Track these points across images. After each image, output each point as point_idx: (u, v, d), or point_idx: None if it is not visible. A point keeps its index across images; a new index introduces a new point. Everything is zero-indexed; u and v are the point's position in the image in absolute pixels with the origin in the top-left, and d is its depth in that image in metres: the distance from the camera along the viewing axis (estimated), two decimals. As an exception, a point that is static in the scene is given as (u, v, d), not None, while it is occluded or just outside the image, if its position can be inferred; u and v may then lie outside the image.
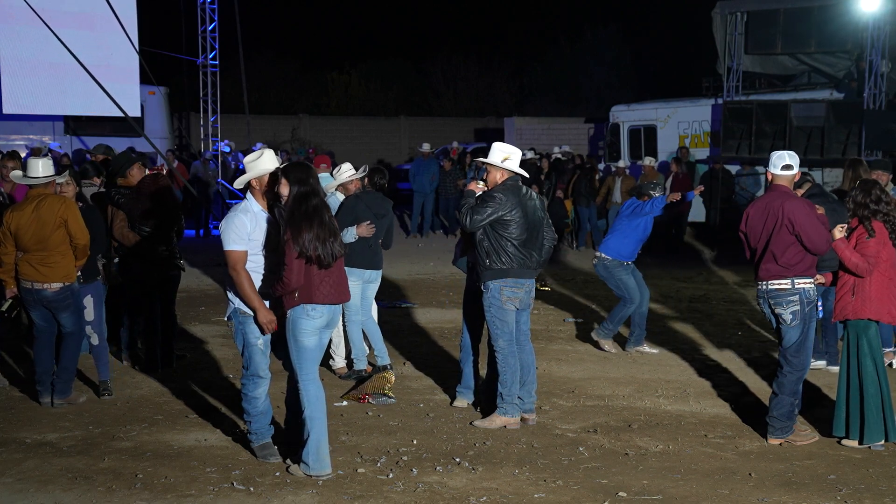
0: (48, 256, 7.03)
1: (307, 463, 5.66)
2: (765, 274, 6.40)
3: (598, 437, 6.59)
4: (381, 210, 8.08)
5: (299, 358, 5.68)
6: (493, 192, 6.68)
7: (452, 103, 37.47)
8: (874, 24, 17.11)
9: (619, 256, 9.06)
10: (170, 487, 5.59)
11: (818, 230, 6.26)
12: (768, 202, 6.39)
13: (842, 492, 5.58)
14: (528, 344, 6.95)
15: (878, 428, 6.28)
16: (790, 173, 6.42)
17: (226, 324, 6.08)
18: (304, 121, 31.96)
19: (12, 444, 6.38)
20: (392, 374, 7.65)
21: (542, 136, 26.61)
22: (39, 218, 6.98)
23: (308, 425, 5.65)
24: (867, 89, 17.17)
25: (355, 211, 7.93)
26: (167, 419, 6.94)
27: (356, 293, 7.97)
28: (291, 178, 5.60)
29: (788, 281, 6.33)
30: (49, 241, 7.00)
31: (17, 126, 21.30)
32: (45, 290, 7.07)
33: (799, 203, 6.34)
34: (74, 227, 7.06)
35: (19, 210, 7.09)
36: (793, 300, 6.33)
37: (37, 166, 7.10)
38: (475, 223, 6.61)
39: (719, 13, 19.38)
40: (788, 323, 6.36)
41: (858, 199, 6.42)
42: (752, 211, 6.52)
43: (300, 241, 5.51)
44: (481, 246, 6.71)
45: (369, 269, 8.06)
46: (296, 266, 5.53)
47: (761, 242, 6.41)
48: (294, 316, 5.63)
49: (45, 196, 7.06)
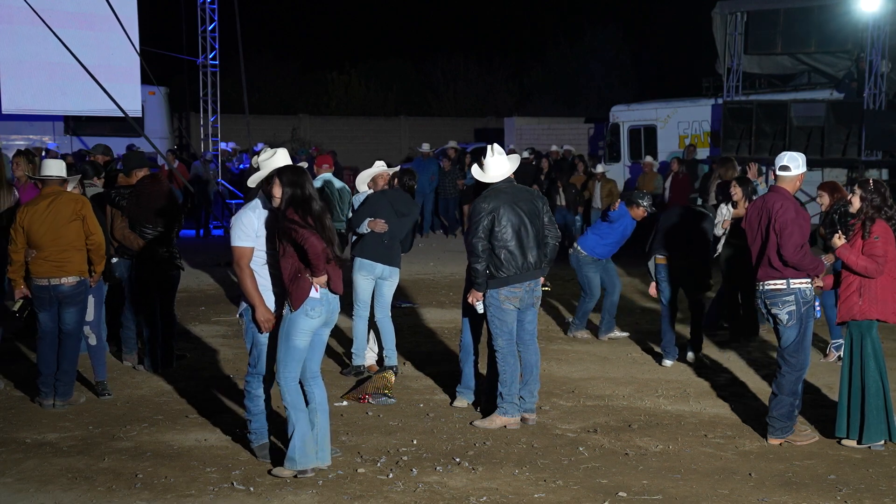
0: (63, 252, 7.03)
1: (293, 458, 5.65)
2: (762, 275, 6.42)
3: (598, 437, 6.60)
4: (405, 209, 8.12)
5: (286, 356, 5.66)
6: (476, 203, 6.72)
7: (452, 103, 37.47)
8: (874, 24, 17.10)
9: (593, 253, 9.71)
10: (170, 487, 5.59)
11: (793, 237, 6.22)
12: (764, 202, 6.43)
13: (842, 492, 5.59)
14: (533, 344, 6.94)
15: (878, 428, 6.28)
16: (787, 174, 6.42)
17: (225, 323, 6.07)
18: (304, 121, 31.96)
19: (12, 444, 6.38)
20: (392, 375, 7.66)
21: (542, 137, 26.60)
22: (55, 213, 6.99)
23: (292, 420, 5.65)
24: (867, 89, 17.16)
25: (377, 206, 7.99)
26: (167, 419, 6.94)
27: (366, 289, 8.02)
28: (284, 181, 5.60)
29: (784, 281, 6.33)
30: (64, 236, 7.00)
31: (16, 126, 21.31)
32: (62, 284, 7.07)
33: (790, 205, 6.33)
34: (92, 224, 7.11)
35: (32, 206, 7.07)
36: (788, 300, 6.34)
37: (51, 165, 7.19)
38: (475, 244, 6.63)
39: (719, 13, 19.38)
40: (785, 323, 6.37)
41: (878, 202, 6.35)
42: (750, 209, 6.58)
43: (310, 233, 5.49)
44: None
45: (380, 263, 8.03)
46: (310, 232, 5.45)
47: (756, 242, 6.44)
48: (293, 315, 5.62)
49: (60, 193, 7.10)
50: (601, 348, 9.43)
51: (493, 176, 6.76)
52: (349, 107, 36.65)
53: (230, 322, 10.00)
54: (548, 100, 36.61)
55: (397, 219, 7.99)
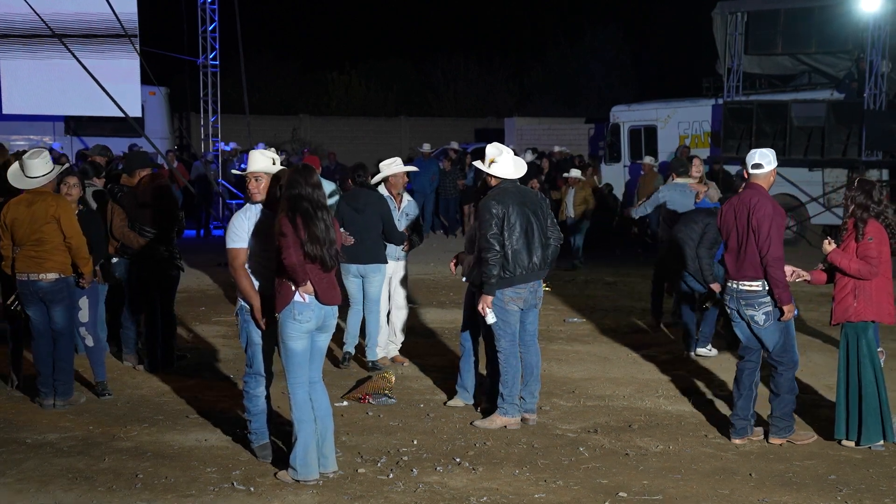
0: (42, 249, 7.07)
1: (294, 468, 5.63)
2: (737, 273, 6.36)
3: (599, 438, 6.60)
4: (360, 205, 8.27)
5: (287, 361, 5.66)
6: (486, 202, 6.68)
7: (453, 103, 37.47)
8: (874, 24, 17.12)
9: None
10: (170, 487, 5.60)
11: (773, 237, 6.18)
12: (740, 199, 6.40)
13: (842, 492, 5.59)
14: (534, 344, 6.94)
15: (876, 429, 6.28)
16: (760, 171, 6.38)
17: (225, 323, 6.08)
18: (304, 121, 31.96)
19: (13, 444, 6.39)
20: (392, 375, 7.67)
21: (543, 137, 26.62)
22: (33, 214, 7.05)
23: (296, 428, 5.63)
24: (867, 89, 17.18)
25: (338, 212, 8.23)
26: (167, 419, 6.95)
27: (353, 288, 8.45)
28: (285, 181, 5.59)
29: (760, 283, 6.29)
30: (43, 234, 7.05)
31: (17, 126, 21.32)
32: (40, 280, 7.11)
33: (766, 201, 6.29)
34: (67, 227, 7.09)
35: (16, 204, 7.17)
36: (765, 301, 6.29)
37: (31, 167, 7.13)
38: (492, 240, 6.58)
39: (720, 13, 19.39)
40: (762, 324, 6.32)
41: (860, 200, 6.35)
42: (725, 207, 6.55)
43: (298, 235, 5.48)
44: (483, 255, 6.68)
45: (353, 263, 8.28)
46: (292, 242, 5.44)
47: (731, 239, 6.40)
48: (282, 318, 5.62)
49: (39, 193, 7.12)
50: (601, 349, 9.43)
51: (510, 173, 6.74)
52: (349, 107, 36.64)
53: (230, 322, 10.00)
54: (548, 100, 36.60)
55: (358, 215, 8.15)
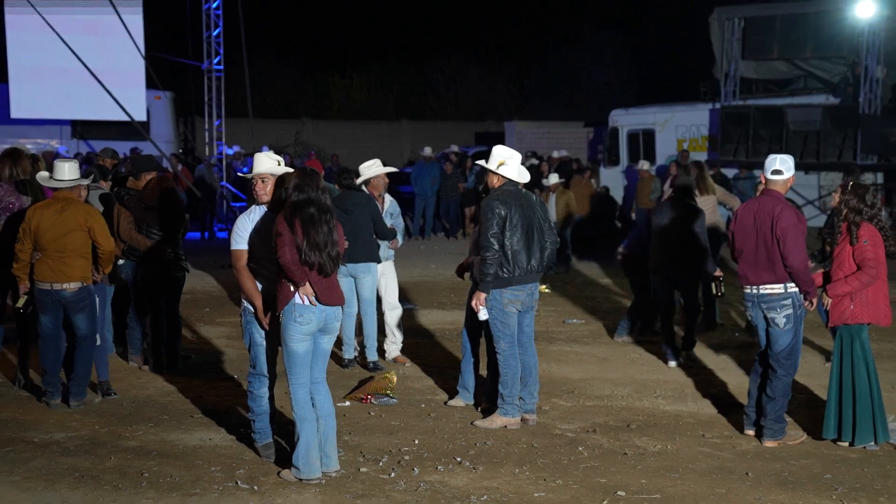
0: (66, 257, 7.05)
1: (297, 467, 5.68)
2: (757, 279, 6.40)
3: (598, 437, 6.66)
4: (349, 206, 8.36)
5: (289, 361, 5.71)
6: (489, 201, 6.77)
7: (453, 106, 37.49)
8: (869, 30, 17.23)
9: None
10: (175, 486, 5.66)
11: (798, 245, 6.24)
12: (760, 205, 6.42)
13: (837, 491, 5.64)
14: (530, 346, 7.01)
15: (869, 429, 6.33)
16: (779, 178, 6.42)
17: (229, 325, 6.16)
18: (306, 125, 32.01)
19: (20, 443, 6.46)
20: (394, 375, 7.75)
21: (543, 140, 26.70)
22: (63, 220, 7.01)
23: (298, 427, 5.68)
24: (863, 94, 17.28)
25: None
26: (172, 419, 7.02)
27: (343, 287, 8.34)
28: (291, 185, 5.63)
29: (781, 286, 6.35)
30: (69, 242, 7.02)
31: (24, 130, 21.40)
32: (63, 290, 7.08)
33: (790, 211, 6.36)
34: (101, 236, 7.11)
35: (43, 209, 7.11)
36: (786, 304, 6.36)
37: (63, 169, 7.13)
38: (492, 239, 6.66)
39: (717, 19, 19.50)
40: (782, 327, 6.38)
41: (852, 204, 6.39)
42: (741, 212, 6.55)
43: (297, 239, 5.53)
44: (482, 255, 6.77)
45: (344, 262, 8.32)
46: (287, 241, 5.47)
47: (748, 245, 6.42)
48: (283, 320, 5.68)
49: (70, 200, 7.09)
50: (600, 350, 9.49)
51: (515, 177, 6.83)
52: (350, 110, 36.68)
53: (234, 324, 10.05)
54: (549, 103, 36.63)
55: (348, 217, 8.23)
